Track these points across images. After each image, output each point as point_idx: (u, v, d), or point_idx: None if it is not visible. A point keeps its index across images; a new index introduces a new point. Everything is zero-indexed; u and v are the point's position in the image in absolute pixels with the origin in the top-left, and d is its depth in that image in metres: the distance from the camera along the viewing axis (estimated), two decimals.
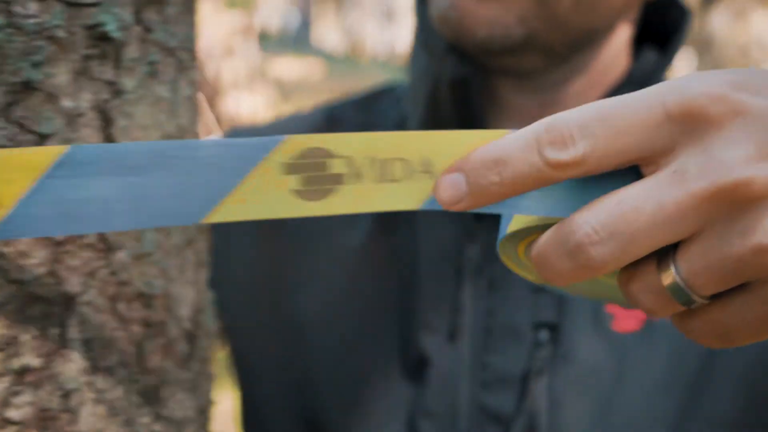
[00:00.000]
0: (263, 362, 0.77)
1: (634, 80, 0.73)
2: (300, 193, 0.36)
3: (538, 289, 0.70)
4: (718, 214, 0.35)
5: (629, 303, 0.38)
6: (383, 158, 0.36)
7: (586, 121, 0.35)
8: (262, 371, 0.77)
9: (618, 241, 0.35)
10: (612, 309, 0.71)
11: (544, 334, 0.69)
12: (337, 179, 0.36)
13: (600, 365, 0.69)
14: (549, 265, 0.36)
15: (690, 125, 0.35)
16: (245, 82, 7.42)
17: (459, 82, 0.71)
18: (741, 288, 0.36)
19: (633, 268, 0.37)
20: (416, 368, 0.71)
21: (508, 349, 0.70)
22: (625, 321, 0.70)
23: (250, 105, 6.93)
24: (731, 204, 0.34)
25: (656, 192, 0.35)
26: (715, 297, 0.37)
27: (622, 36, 0.74)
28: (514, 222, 0.39)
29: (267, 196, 0.36)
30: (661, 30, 0.77)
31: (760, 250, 0.34)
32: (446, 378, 0.70)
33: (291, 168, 0.36)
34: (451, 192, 0.37)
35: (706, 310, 0.37)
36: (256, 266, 0.78)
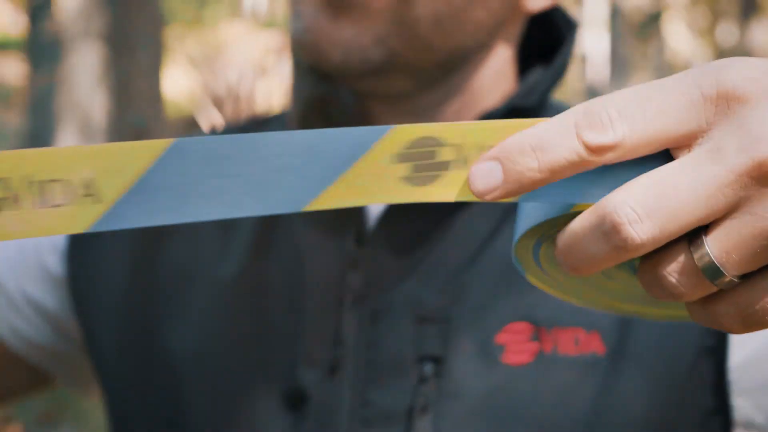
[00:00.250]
0: (134, 402, 0.74)
1: (518, 100, 0.69)
2: None
3: (423, 320, 0.66)
4: (753, 190, 0.35)
5: (652, 290, 0.38)
6: (41, 180, 0.34)
7: (624, 104, 0.36)
8: (133, 412, 0.74)
9: (657, 220, 0.35)
10: (502, 340, 0.67)
11: (429, 368, 0.66)
12: None
13: (488, 400, 0.65)
14: (581, 250, 0.36)
15: (725, 105, 0.35)
16: (279, 101, 7.45)
17: (319, 102, 0.69)
18: None
19: (663, 250, 0.37)
20: (295, 404, 0.67)
21: (391, 384, 0.66)
22: (516, 354, 0.66)
23: None
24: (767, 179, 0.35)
25: (694, 169, 0.35)
26: (742, 278, 0.37)
27: (501, 55, 0.71)
28: (533, 217, 0.39)
29: None
30: (549, 47, 0.73)
31: None
32: (325, 415, 0.66)
33: None
34: (485, 181, 0.36)
35: (733, 292, 0.37)
36: (127, 301, 0.75)
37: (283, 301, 0.70)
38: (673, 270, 0.36)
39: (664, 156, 0.37)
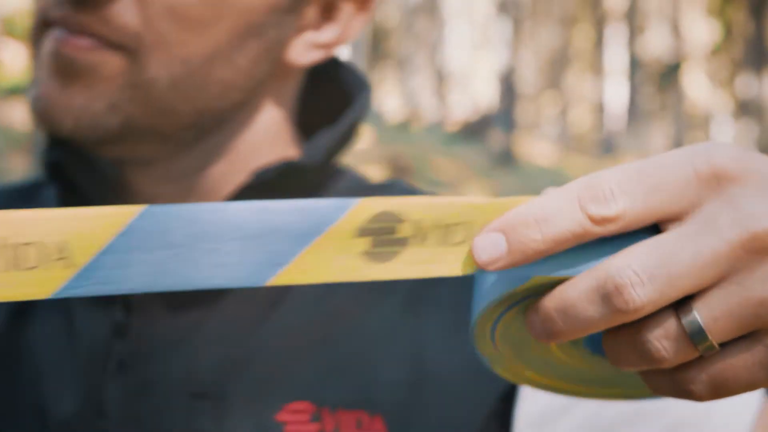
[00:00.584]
0: None
1: (298, 159, 0.65)
2: None
3: (196, 395, 0.62)
4: (743, 263, 0.37)
5: (625, 357, 0.39)
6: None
7: (623, 179, 0.38)
8: None
9: (657, 284, 0.37)
10: (282, 419, 0.62)
11: None
12: None
13: None
14: (576, 314, 0.38)
15: (716, 183, 0.38)
16: None
17: (58, 168, 0.66)
18: (746, 335, 0.38)
19: (648, 316, 0.38)
20: None
21: None
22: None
23: None
24: (757, 252, 0.37)
25: (692, 239, 0.37)
26: (720, 345, 0.38)
27: (271, 113, 0.67)
28: (494, 290, 0.39)
29: None
30: (340, 108, 0.69)
31: None
32: None
33: None
34: (489, 252, 0.38)
35: (709, 359, 0.39)
36: None
37: (42, 371, 0.65)
38: (659, 335, 0.38)
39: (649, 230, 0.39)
